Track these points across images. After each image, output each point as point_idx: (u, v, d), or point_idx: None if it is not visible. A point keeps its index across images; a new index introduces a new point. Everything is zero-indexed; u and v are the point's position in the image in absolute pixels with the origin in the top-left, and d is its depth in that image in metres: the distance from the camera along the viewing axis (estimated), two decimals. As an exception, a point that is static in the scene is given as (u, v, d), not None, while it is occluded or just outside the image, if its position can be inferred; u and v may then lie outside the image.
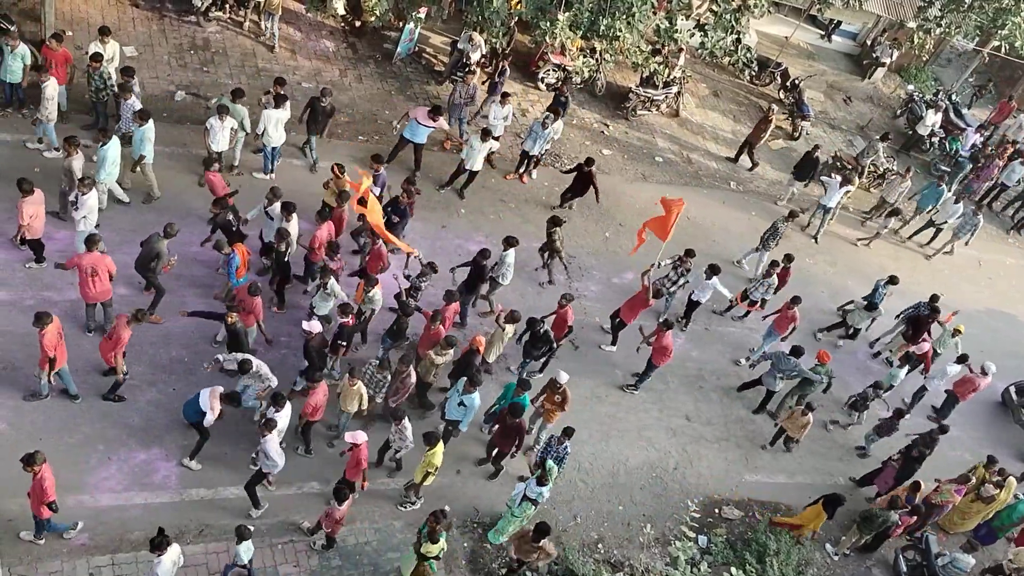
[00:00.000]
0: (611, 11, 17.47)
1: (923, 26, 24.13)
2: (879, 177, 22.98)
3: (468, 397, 12.87)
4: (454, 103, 18.39)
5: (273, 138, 16.13)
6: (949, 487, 15.10)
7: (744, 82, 25.04)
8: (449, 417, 13.35)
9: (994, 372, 17.17)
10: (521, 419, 13.03)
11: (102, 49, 15.61)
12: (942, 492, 15.05)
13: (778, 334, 16.65)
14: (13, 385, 12.49)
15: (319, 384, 12.39)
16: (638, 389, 15.98)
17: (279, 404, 11.96)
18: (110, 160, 14.28)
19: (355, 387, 12.66)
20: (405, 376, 12.97)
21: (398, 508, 13.10)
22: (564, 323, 14.85)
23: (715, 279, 16.35)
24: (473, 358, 13.69)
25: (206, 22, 19.35)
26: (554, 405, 13.76)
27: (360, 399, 12.75)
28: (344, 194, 14.99)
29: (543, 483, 12.31)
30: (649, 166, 20.98)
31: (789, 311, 16.32)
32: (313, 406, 12.45)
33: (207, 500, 12.30)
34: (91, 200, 13.40)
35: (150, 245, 13.17)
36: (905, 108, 26.21)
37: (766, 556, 13.84)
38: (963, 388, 17.23)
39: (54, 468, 11.42)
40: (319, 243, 14.29)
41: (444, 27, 21.68)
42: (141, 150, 14.76)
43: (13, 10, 17.63)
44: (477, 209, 18.02)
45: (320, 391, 12.40)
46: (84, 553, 11.24)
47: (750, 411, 16.56)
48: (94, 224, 13.65)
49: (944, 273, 21.73)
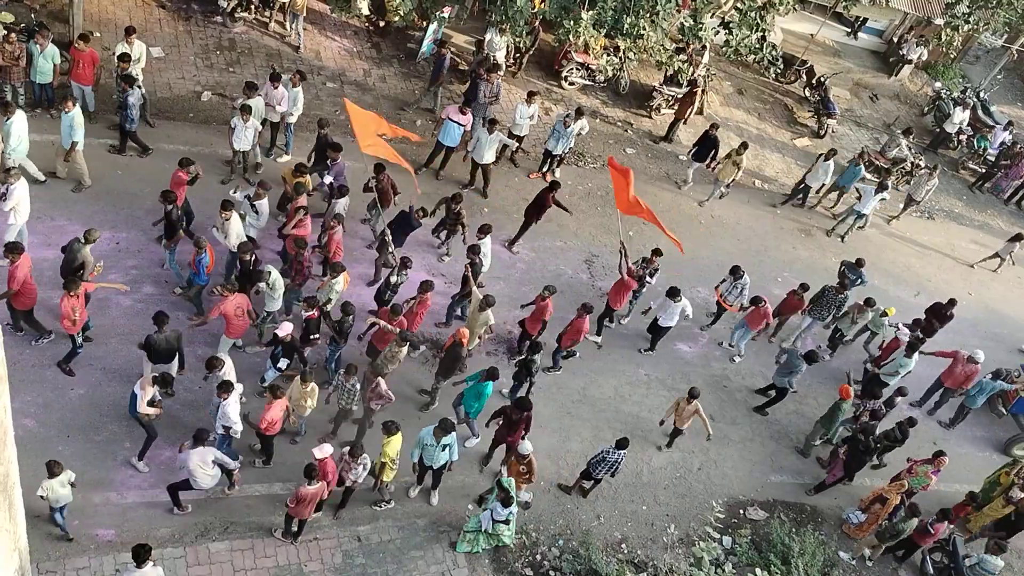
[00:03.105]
0: (635, 9, 17.40)
1: (951, 23, 23.85)
2: (907, 174, 22.77)
3: (447, 437, 12.29)
4: (479, 103, 18.41)
5: (294, 115, 16.62)
6: (925, 468, 14.81)
7: (769, 80, 24.87)
8: (439, 465, 12.73)
9: (982, 360, 16.72)
10: (529, 411, 12.99)
11: (129, 49, 15.75)
12: (918, 476, 14.77)
13: (751, 330, 16.52)
14: (41, 383, 12.65)
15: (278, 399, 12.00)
16: (559, 369, 15.66)
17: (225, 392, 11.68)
18: (14, 135, 14.03)
19: (308, 388, 12.31)
20: (375, 385, 12.67)
21: (373, 508, 12.87)
22: (542, 316, 14.68)
23: (684, 300, 15.74)
24: (459, 350, 13.56)
25: (232, 23, 19.48)
26: (519, 476, 12.79)
27: (309, 400, 12.37)
28: (299, 185, 14.70)
29: (508, 504, 11.92)
30: (673, 164, 20.90)
31: (763, 308, 16.08)
32: (269, 420, 11.99)
33: (232, 497, 12.37)
34: (19, 191, 13.01)
35: (72, 252, 12.66)
36: (932, 106, 25.97)
37: (791, 557, 13.74)
38: (954, 378, 16.89)
39: (81, 466, 11.63)
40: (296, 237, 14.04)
41: (468, 26, 21.70)
42: (73, 136, 14.38)
43: (42, 12, 17.85)
44: (500, 209, 18.02)
45: (277, 405, 11.98)
46: (111, 550, 11.34)
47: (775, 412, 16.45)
48: (25, 217, 13.36)
49: (972, 271, 21.48)
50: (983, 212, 23.97)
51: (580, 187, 18.76)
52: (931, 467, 14.81)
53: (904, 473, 14.97)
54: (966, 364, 16.76)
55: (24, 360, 12.74)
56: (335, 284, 13.72)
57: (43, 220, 14.31)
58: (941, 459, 14.83)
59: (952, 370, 16.97)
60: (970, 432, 17.82)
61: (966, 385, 17.02)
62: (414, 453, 12.63)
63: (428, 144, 18.01)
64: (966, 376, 16.87)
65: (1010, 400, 17.90)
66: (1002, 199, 24.50)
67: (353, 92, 19.18)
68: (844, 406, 15.26)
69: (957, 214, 23.53)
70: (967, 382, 16.97)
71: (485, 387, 13.17)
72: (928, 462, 14.88)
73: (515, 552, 13.12)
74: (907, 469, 15.02)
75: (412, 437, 12.67)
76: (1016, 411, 17.93)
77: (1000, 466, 16.12)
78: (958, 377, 16.94)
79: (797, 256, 19.97)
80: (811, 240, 20.63)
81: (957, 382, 17.01)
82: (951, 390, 17.18)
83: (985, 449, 17.67)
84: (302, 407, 12.50)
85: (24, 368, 12.64)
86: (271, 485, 12.64)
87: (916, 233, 22.19)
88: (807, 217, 21.17)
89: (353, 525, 12.65)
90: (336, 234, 14.45)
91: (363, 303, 14.92)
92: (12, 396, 7.55)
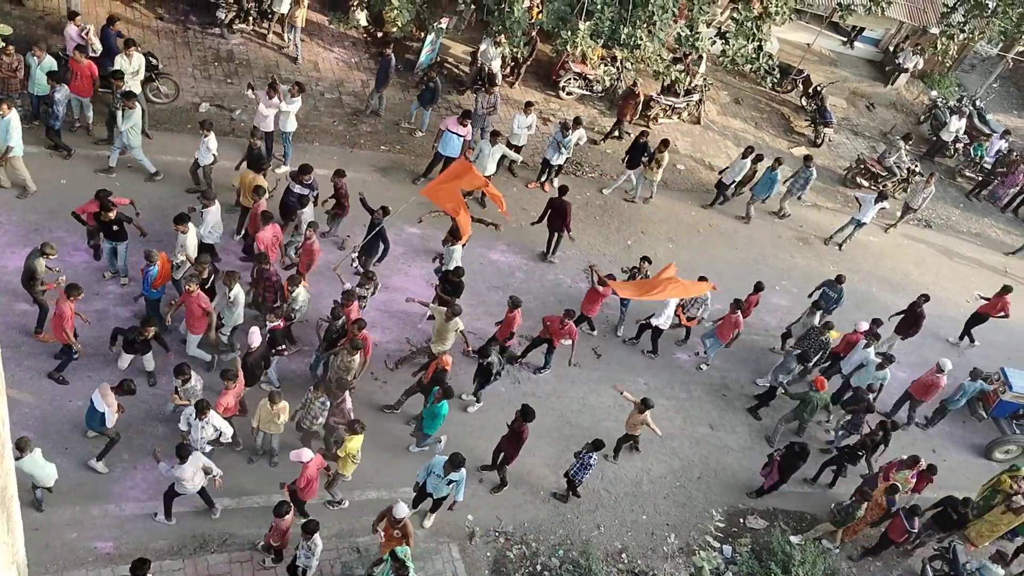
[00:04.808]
0: (632, 20, 17.47)
1: (946, 32, 23.99)
2: (903, 181, 22.83)
3: (456, 473, 12.02)
4: (476, 114, 18.43)
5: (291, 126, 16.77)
6: (904, 474, 14.70)
7: (766, 89, 24.94)
8: (439, 496, 12.52)
9: (949, 369, 16.43)
10: (529, 421, 12.94)
11: (128, 62, 15.77)
12: (898, 482, 14.55)
13: (720, 341, 16.37)
14: (39, 395, 12.61)
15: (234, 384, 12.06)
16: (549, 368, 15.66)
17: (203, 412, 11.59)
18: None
19: (277, 407, 12.06)
20: (341, 401, 12.48)
21: (328, 507, 12.72)
22: (510, 328, 14.57)
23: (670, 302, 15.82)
24: (443, 376, 13.28)
25: (230, 34, 19.53)
26: (392, 541, 11.65)
27: (279, 418, 12.15)
28: (259, 188, 14.54)
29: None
30: (670, 173, 20.92)
31: (732, 316, 16.00)
32: (224, 406, 12.05)
33: (231, 509, 12.33)
34: None
35: (27, 262, 12.65)
36: (929, 114, 26.05)
37: (792, 566, 13.70)
38: (923, 390, 16.59)
39: (78, 478, 11.62)
40: (264, 245, 13.88)
41: (465, 37, 21.76)
42: (7, 141, 14.14)
43: (40, 24, 17.89)
44: (499, 218, 18.03)
45: (231, 392, 12.03)
46: (109, 562, 11.30)
47: (774, 419, 16.42)
48: None
49: (970, 279, 21.51)
50: (980, 220, 24.01)
51: (579, 196, 18.77)
52: (909, 471, 14.72)
53: (881, 479, 14.85)
54: (933, 374, 16.45)
55: (22, 372, 12.72)
56: (297, 296, 13.55)
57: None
58: (919, 463, 14.71)
59: (920, 379, 16.73)
60: (968, 439, 17.81)
61: (927, 397, 16.65)
62: (420, 475, 12.46)
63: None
64: (929, 385, 16.48)
65: (990, 403, 17.79)
66: (999, 207, 24.55)
67: (352, 103, 19.23)
68: (815, 397, 15.27)
69: (954, 222, 23.56)
70: (929, 392, 16.56)
71: (440, 407, 12.86)
72: (908, 466, 14.74)
73: (515, 562, 13.09)
74: (883, 476, 14.87)
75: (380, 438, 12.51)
76: (997, 415, 17.83)
77: (997, 472, 16.06)
78: (921, 385, 16.62)
79: (795, 264, 19.99)
80: (809, 248, 20.65)
81: (920, 391, 16.66)
82: (918, 400, 16.83)
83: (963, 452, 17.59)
84: (274, 426, 12.28)
85: (22, 380, 12.62)
86: (269, 497, 12.57)
87: (914, 241, 22.23)
88: (802, 225, 21.20)
89: (352, 536, 12.61)
90: (313, 244, 14.30)
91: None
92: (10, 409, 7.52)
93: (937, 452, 17.18)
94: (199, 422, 11.60)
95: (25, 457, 10.62)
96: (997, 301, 18.66)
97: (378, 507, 12.71)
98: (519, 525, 13.52)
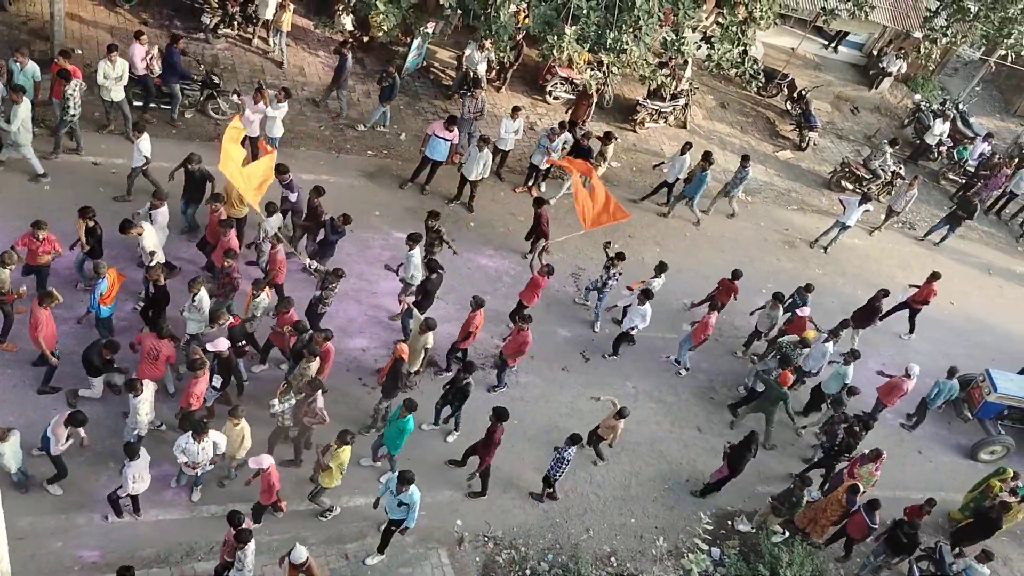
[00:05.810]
0: (618, 25, 17.48)
1: (929, 36, 24.14)
2: (887, 184, 22.96)
3: (406, 495, 11.67)
4: (463, 118, 18.42)
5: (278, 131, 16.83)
6: (868, 467, 14.64)
7: (751, 94, 25.02)
8: (393, 517, 12.05)
9: (917, 374, 16.38)
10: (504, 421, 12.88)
11: (112, 67, 15.68)
12: (864, 477, 14.57)
13: (692, 341, 16.31)
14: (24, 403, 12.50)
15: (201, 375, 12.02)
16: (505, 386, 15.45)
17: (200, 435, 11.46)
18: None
19: (238, 427, 11.86)
20: (312, 401, 12.24)
21: (319, 519, 12.68)
22: (468, 328, 14.41)
23: (647, 305, 15.72)
24: (400, 366, 13.16)
25: (215, 39, 19.46)
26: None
27: (243, 440, 11.94)
28: (217, 195, 14.48)
29: None
30: (658, 178, 20.96)
31: (707, 317, 15.94)
32: (195, 395, 12.02)
33: (218, 517, 12.22)
34: None
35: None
36: (912, 118, 26.22)
37: (779, 568, 13.74)
38: (889, 394, 16.49)
39: (64, 486, 11.54)
40: (225, 248, 13.79)
41: (451, 41, 21.75)
42: None
43: (23, 29, 17.78)
44: (487, 223, 18.03)
45: (202, 381, 12.02)
46: (95, 571, 11.22)
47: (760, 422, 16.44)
48: None
49: (954, 281, 21.64)
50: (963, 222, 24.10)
51: (567, 201, 18.78)
52: (873, 465, 14.68)
53: (846, 476, 14.78)
54: (900, 378, 16.34)
55: (5, 381, 12.62)
56: (259, 301, 13.46)
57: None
58: (882, 456, 14.67)
59: (887, 382, 16.57)
60: (953, 440, 17.90)
61: (890, 401, 16.49)
62: (380, 491, 12.23)
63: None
64: (893, 387, 16.36)
65: (975, 404, 17.84)
66: (982, 209, 24.67)
67: (335, 107, 19.15)
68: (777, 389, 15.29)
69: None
70: (892, 395, 16.41)
71: (406, 422, 12.46)
72: (871, 460, 14.68)
73: (504, 567, 13.07)
74: (848, 472, 14.84)
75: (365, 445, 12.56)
76: (981, 416, 17.86)
77: (984, 476, 16.13)
78: (886, 388, 16.52)
79: (781, 267, 20.06)
80: (794, 251, 20.75)
81: (884, 394, 16.53)
82: (883, 404, 16.69)
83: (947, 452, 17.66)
84: (240, 447, 12.03)
85: (5, 388, 12.53)
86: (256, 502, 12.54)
87: (898, 243, 22.35)
88: (788, 228, 21.29)
89: (341, 543, 12.56)
90: (279, 254, 14.14)
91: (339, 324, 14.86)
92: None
93: (923, 453, 17.30)
94: (197, 445, 11.42)
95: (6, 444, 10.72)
96: (927, 288, 18.71)
97: (366, 514, 12.73)
98: (508, 530, 13.50)
